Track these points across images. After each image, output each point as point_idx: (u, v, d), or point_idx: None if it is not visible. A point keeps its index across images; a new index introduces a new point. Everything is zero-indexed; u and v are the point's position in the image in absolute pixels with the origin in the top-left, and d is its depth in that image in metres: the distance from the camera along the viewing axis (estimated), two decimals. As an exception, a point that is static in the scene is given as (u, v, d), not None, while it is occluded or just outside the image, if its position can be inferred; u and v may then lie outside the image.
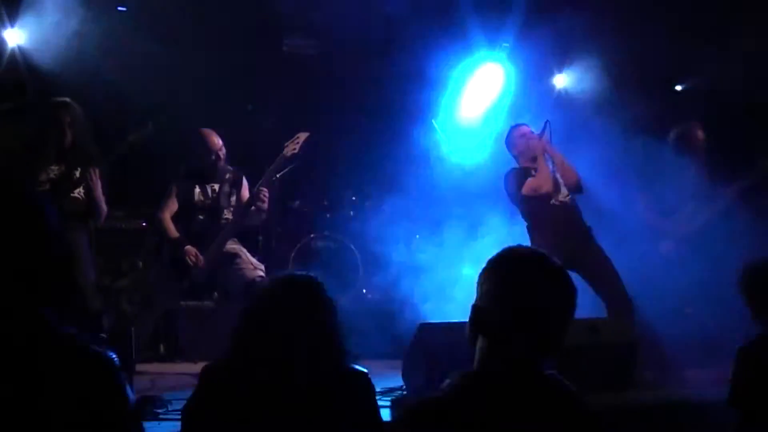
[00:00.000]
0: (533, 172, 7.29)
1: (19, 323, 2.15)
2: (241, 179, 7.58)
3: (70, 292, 2.30)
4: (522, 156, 7.52)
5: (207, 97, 9.93)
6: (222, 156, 7.52)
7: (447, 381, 2.50)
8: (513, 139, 7.63)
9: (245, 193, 7.51)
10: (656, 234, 7.87)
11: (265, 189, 7.37)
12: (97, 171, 6.91)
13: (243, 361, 3.05)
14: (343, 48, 9.06)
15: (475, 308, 2.54)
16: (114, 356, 2.27)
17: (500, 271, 2.53)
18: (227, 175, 7.50)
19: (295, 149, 7.53)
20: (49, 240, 2.26)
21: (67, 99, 6.99)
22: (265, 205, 7.40)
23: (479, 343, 2.52)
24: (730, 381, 4.14)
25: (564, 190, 7.37)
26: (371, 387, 3.23)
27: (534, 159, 7.36)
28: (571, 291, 2.52)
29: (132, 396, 2.29)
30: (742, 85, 9.54)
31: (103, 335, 5.63)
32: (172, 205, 7.53)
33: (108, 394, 2.20)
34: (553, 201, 7.31)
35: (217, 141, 7.53)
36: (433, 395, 2.49)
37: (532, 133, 7.49)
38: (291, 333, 3.04)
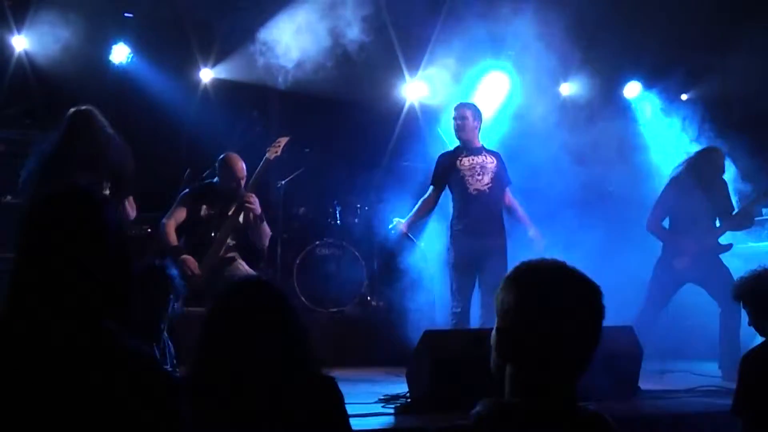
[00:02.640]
0: None
1: (87, 332, 2.13)
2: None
3: (130, 296, 2.27)
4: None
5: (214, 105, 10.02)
6: (243, 183, 7.60)
7: (476, 408, 2.30)
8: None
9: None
10: (673, 250, 7.88)
11: (251, 194, 7.46)
12: (132, 201, 6.92)
13: (206, 372, 2.93)
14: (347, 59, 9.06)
15: (500, 332, 2.35)
16: (179, 377, 2.24)
17: (521, 289, 2.33)
18: (242, 199, 7.54)
19: (277, 152, 7.75)
20: (112, 243, 2.25)
21: (91, 107, 6.97)
22: (256, 209, 7.47)
23: (508, 370, 2.34)
24: (734, 390, 4.14)
25: (485, 178, 7.52)
26: (338, 394, 3.06)
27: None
28: (598, 296, 2.34)
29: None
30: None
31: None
32: (179, 215, 7.60)
33: (166, 416, 2.17)
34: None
35: (242, 169, 7.63)
36: (462, 423, 2.29)
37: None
38: (248, 339, 2.90)
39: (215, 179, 7.78)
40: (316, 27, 8.70)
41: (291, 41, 8.73)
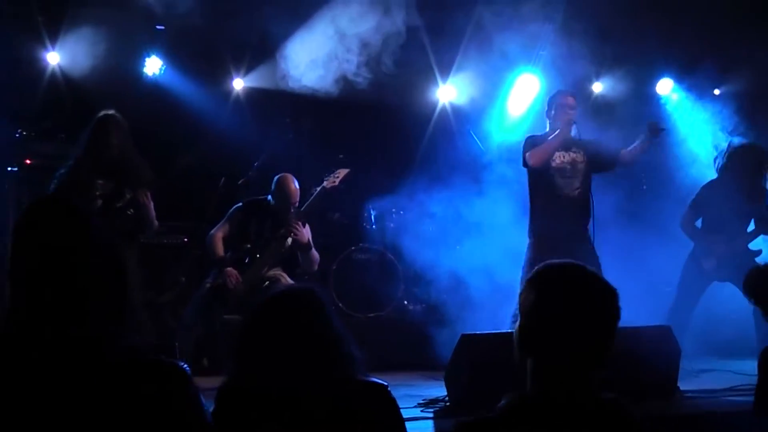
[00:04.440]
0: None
1: (80, 342, 2.16)
2: (304, 225, 7.64)
3: (125, 308, 2.30)
4: (552, 121, 7.48)
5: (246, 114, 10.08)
6: (295, 204, 7.62)
7: (502, 402, 2.44)
8: (554, 102, 7.53)
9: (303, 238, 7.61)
10: (703, 250, 7.84)
11: (299, 222, 7.45)
12: (149, 194, 6.98)
13: (249, 379, 2.94)
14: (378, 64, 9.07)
15: (521, 329, 2.50)
16: (187, 367, 2.28)
17: (540, 289, 2.49)
18: (290, 225, 7.56)
19: (335, 183, 7.68)
20: (99, 256, 2.28)
21: (112, 111, 7.05)
22: (302, 237, 7.46)
23: (529, 364, 2.48)
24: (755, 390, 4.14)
25: (575, 183, 7.33)
26: (392, 400, 3.05)
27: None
28: (613, 298, 2.48)
29: (207, 407, 2.30)
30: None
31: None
32: (228, 228, 7.65)
33: (184, 404, 2.22)
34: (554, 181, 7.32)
35: (295, 192, 7.63)
36: (487, 416, 2.44)
37: (572, 109, 7.41)
38: (287, 347, 2.90)
39: (269, 197, 7.80)
40: (348, 33, 8.71)
41: (322, 48, 8.76)
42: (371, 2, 8.57)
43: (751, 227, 7.87)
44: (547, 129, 7.48)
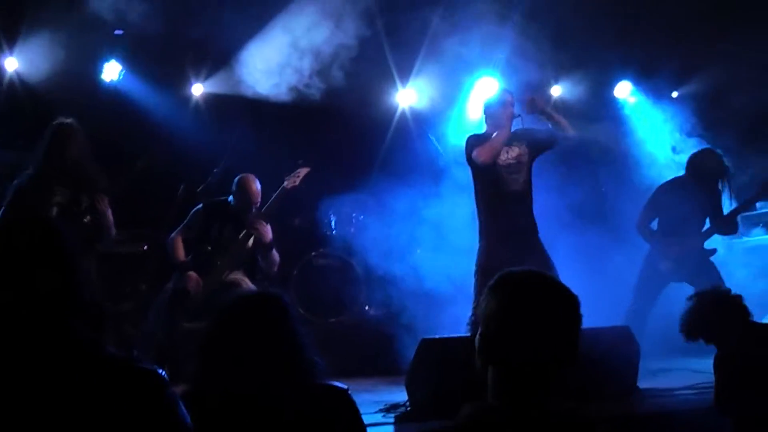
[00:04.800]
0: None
1: (59, 348, 2.15)
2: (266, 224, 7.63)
3: (101, 315, 2.30)
4: (491, 120, 7.40)
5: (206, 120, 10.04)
6: (257, 205, 7.60)
7: (463, 411, 2.41)
8: (492, 102, 7.47)
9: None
10: (659, 252, 7.92)
11: (262, 221, 7.44)
12: (105, 199, 6.94)
13: (212, 384, 2.91)
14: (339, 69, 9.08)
15: (482, 337, 2.47)
16: (163, 373, 2.26)
17: (501, 298, 2.45)
18: (252, 224, 7.55)
19: (295, 182, 7.68)
20: (72, 265, 2.28)
21: (69, 120, 7.01)
22: (265, 236, 7.46)
23: (490, 373, 2.46)
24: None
25: (521, 177, 7.28)
26: (353, 405, 3.04)
27: (500, 127, 7.22)
28: (575, 306, 2.46)
29: (186, 413, 2.28)
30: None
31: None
32: (189, 231, 7.63)
33: (162, 411, 2.20)
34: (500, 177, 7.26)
35: (257, 192, 7.66)
36: (447, 426, 2.43)
37: (512, 105, 7.31)
38: (252, 352, 2.90)
39: (230, 198, 7.78)
40: (307, 38, 8.71)
41: (281, 53, 8.75)
42: (329, 9, 8.58)
43: (706, 226, 7.96)
44: (485, 129, 7.44)
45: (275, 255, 7.68)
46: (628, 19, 9.89)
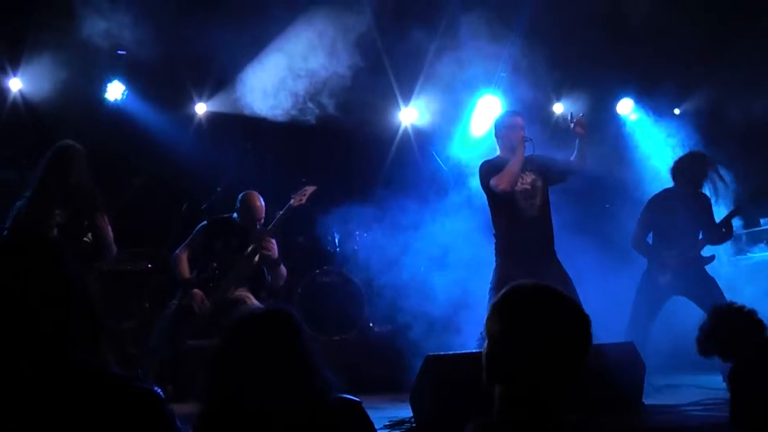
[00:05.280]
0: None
1: (58, 371, 2.14)
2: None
3: (101, 334, 2.30)
4: (503, 142, 7.37)
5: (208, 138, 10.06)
6: (261, 221, 7.62)
7: (467, 428, 2.41)
8: (502, 124, 7.44)
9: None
10: (657, 265, 7.91)
11: (270, 238, 7.44)
12: (105, 216, 6.94)
13: (227, 403, 2.88)
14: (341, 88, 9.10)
15: (488, 355, 2.44)
16: (160, 392, 2.26)
17: (509, 314, 2.42)
18: (260, 242, 7.54)
19: (302, 201, 7.67)
20: (73, 285, 2.27)
21: (70, 141, 7.03)
22: (273, 254, 7.46)
23: (496, 390, 2.42)
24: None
25: (537, 201, 7.25)
26: (367, 417, 3.03)
27: (513, 150, 7.16)
28: (585, 326, 2.41)
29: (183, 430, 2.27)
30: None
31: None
32: (193, 248, 7.63)
33: (161, 429, 2.20)
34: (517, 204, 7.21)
35: (261, 208, 7.67)
36: None
37: (522, 129, 7.26)
38: (266, 369, 2.87)
39: (234, 214, 7.79)
40: (309, 58, 8.74)
41: (284, 74, 8.78)
42: (332, 33, 8.62)
43: (701, 236, 7.93)
44: (498, 152, 7.42)
45: (283, 269, 7.71)
46: (630, 36, 9.91)
